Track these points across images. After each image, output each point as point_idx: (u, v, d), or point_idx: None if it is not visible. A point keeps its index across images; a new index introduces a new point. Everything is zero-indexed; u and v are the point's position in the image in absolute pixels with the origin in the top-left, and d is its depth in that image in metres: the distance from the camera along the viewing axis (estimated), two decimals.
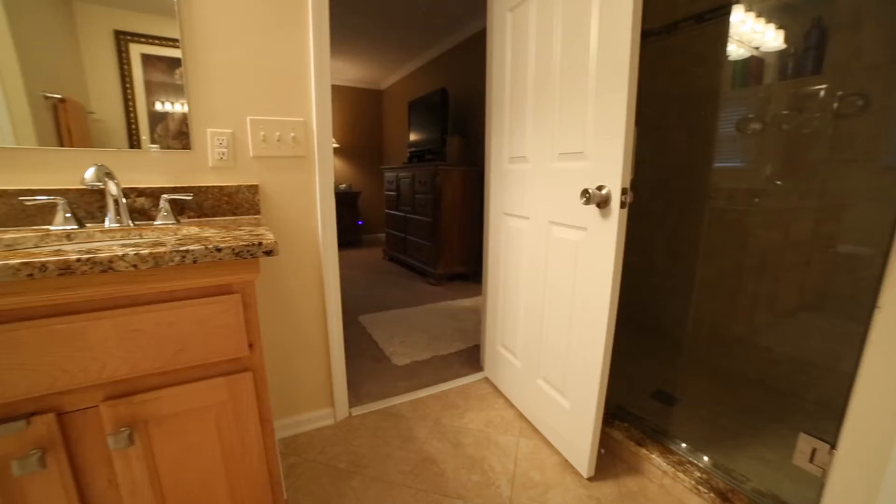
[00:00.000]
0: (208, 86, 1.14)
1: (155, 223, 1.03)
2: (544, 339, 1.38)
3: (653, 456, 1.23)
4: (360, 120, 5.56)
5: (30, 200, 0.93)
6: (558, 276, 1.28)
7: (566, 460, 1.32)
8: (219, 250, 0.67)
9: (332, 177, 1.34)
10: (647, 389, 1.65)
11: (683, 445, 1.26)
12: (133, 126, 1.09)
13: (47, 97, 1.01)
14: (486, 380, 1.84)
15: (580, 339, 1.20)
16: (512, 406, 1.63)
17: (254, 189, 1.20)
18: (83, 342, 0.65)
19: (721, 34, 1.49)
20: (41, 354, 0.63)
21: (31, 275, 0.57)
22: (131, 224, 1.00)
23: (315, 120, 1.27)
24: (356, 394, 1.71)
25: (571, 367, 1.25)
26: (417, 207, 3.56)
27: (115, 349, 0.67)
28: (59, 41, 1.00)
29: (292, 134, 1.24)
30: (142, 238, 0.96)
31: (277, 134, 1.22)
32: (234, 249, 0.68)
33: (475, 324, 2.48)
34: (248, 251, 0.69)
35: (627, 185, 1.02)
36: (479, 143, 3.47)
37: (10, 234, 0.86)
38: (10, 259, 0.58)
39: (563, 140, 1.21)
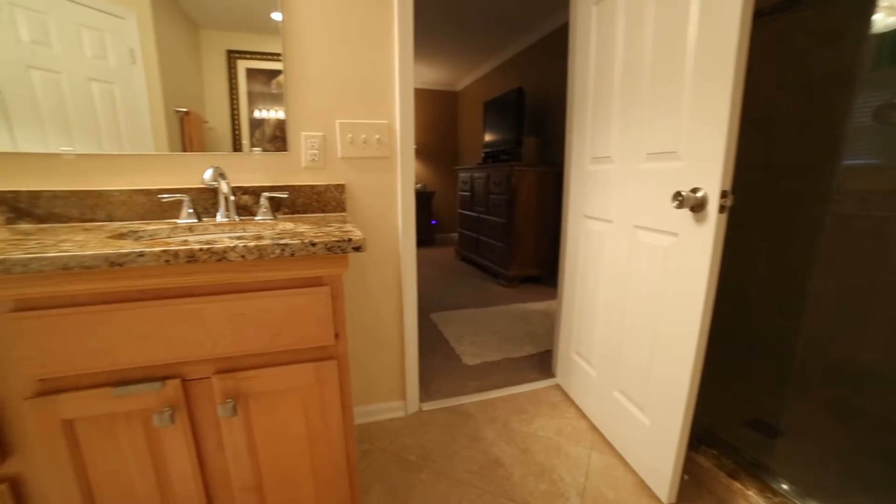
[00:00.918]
0: (303, 93, 1.25)
1: (256, 218, 1.16)
2: (623, 349, 1.30)
3: (749, 493, 1.09)
4: (435, 121, 5.70)
5: (165, 198, 1.11)
6: (642, 284, 1.19)
7: (643, 481, 1.23)
8: (313, 245, 0.74)
9: (413, 177, 1.39)
10: (742, 416, 1.47)
11: (786, 486, 1.10)
12: (237, 132, 1.23)
13: (177, 111, 1.18)
14: (558, 387, 1.78)
15: (665, 352, 1.11)
16: (584, 416, 1.56)
17: (341, 188, 1.29)
18: (201, 321, 0.75)
19: (862, 3, 1.27)
20: (172, 329, 0.74)
21: (168, 261, 0.68)
22: (237, 219, 1.14)
23: (398, 122, 1.33)
24: (426, 389, 1.75)
25: (653, 381, 1.16)
26: (491, 208, 3.56)
27: (225, 329, 0.76)
28: (188, 64, 1.17)
29: (377, 136, 1.32)
30: (245, 232, 1.09)
31: (363, 136, 1.31)
32: (326, 244, 0.74)
33: (547, 328, 2.42)
34: (338, 246, 0.75)
35: (728, 188, 0.92)
36: (556, 143, 3.36)
37: (152, 227, 1.04)
38: (155, 247, 0.69)
39: (652, 139, 1.13)
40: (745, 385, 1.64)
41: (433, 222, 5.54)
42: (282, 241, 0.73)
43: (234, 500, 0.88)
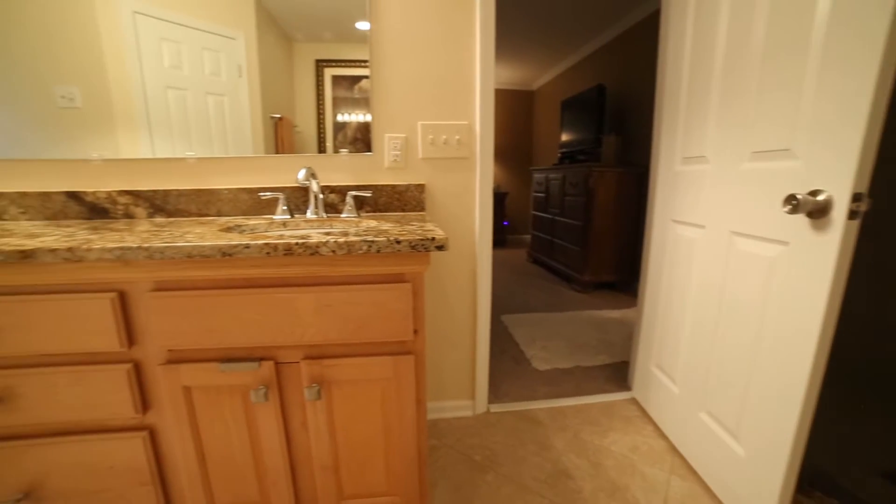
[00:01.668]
0: (387, 96, 1.31)
1: (341, 216, 1.24)
2: (713, 368, 1.18)
3: None
4: (510, 121, 5.63)
5: (264, 195, 1.23)
6: (740, 297, 1.07)
7: None
8: (398, 242, 0.77)
9: (492, 178, 1.39)
10: (874, 463, 1.24)
11: None
12: (322, 135, 1.33)
13: (272, 117, 1.31)
14: (634, 401, 1.66)
15: (767, 376, 0.98)
16: (663, 436, 1.44)
17: (421, 188, 1.33)
18: (294, 310, 0.82)
19: None
20: (269, 315, 0.82)
21: (268, 253, 0.76)
22: (324, 216, 1.23)
23: (478, 123, 1.34)
24: (495, 391, 1.75)
25: (751, 407, 1.03)
26: (566, 210, 3.43)
27: (313, 319, 0.83)
28: (283, 74, 1.29)
29: (457, 137, 1.34)
30: (332, 228, 1.18)
31: (444, 137, 1.34)
32: (410, 243, 0.77)
33: (623, 338, 2.27)
34: (422, 245, 0.78)
35: (864, 190, 0.79)
36: (639, 142, 3.15)
37: (252, 221, 1.16)
38: (258, 240, 0.77)
39: (758, 135, 1.01)
40: (880, 426, 1.39)
41: (505, 223, 5.50)
42: (369, 239, 0.77)
43: (313, 476, 0.95)
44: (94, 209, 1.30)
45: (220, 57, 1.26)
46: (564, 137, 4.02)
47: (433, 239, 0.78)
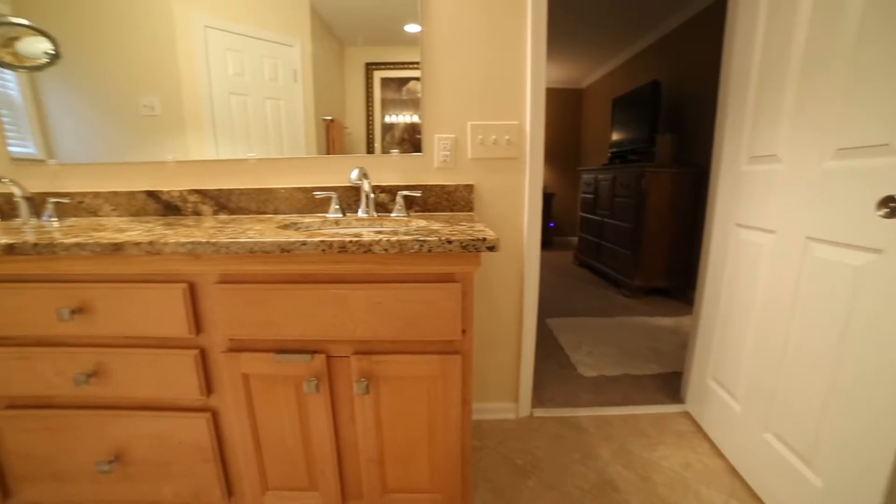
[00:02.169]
0: (438, 97, 1.32)
1: (391, 215, 1.27)
2: (781, 386, 1.08)
3: None
4: (558, 121, 5.50)
5: (319, 194, 1.28)
6: (817, 310, 0.97)
7: None
8: (449, 242, 0.78)
9: (542, 178, 1.37)
10: None
11: None
12: (371, 136, 1.36)
13: (324, 119, 1.36)
14: (687, 415, 1.57)
15: (851, 401, 0.88)
16: (720, 455, 1.34)
17: (469, 188, 1.34)
18: (346, 306, 0.85)
19: None
20: (322, 310, 0.85)
21: (323, 250, 0.79)
22: (375, 215, 1.26)
23: (528, 123, 1.32)
24: (538, 395, 1.71)
25: (829, 434, 0.94)
26: (616, 212, 3.30)
27: (364, 315, 0.85)
28: (334, 77, 1.33)
29: (507, 137, 1.33)
30: (382, 227, 1.20)
31: (493, 137, 1.33)
32: (461, 243, 0.78)
33: (676, 347, 2.15)
34: (473, 245, 0.78)
35: None
36: (697, 141, 2.96)
37: (307, 219, 1.21)
38: (314, 237, 0.81)
39: (846, 130, 0.91)
40: None
41: (551, 225, 5.39)
42: (421, 238, 0.78)
43: (359, 467, 0.98)
44: (168, 207, 1.41)
45: (278, 63, 1.33)
46: (615, 137, 3.87)
47: (484, 239, 0.78)
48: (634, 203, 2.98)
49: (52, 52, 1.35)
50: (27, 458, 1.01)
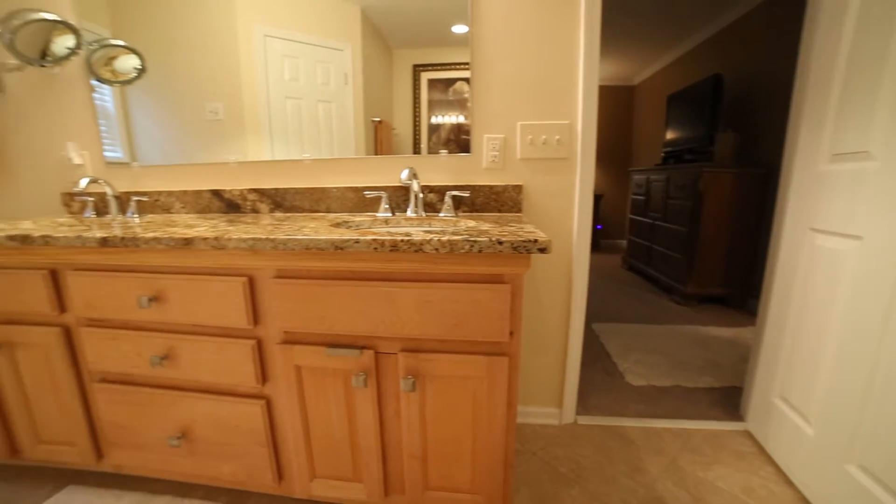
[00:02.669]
0: (487, 97, 1.31)
1: (439, 215, 1.27)
2: (870, 412, 0.98)
3: None
4: (608, 119, 5.31)
5: (369, 194, 1.31)
6: None
7: None
8: (500, 243, 0.77)
9: (593, 179, 1.32)
10: None
11: None
12: (417, 136, 1.37)
13: (373, 121, 1.39)
14: (748, 434, 1.45)
15: None
16: (788, 482, 1.23)
17: (518, 189, 1.32)
18: (395, 304, 0.86)
19: None
20: (372, 307, 0.87)
21: (375, 248, 0.81)
22: (423, 215, 1.27)
23: (580, 122, 1.28)
24: (583, 402, 1.66)
25: None
26: (669, 215, 3.13)
27: (413, 313, 0.86)
28: (383, 80, 1.36)
29: (557, 137, 1.29)
30: (431, 227, 1.21)
31: (543, 137, 1.30)
32: (512, 244, 0.77)
33: (734, 360, 2.00)
34: (524, 246, 0.77)
35: None
36: (763, 138, 2.74)
37: (357, 218, 1.25)
38: (366, 236, 0.83)
39: None
40: None
41: (599, 227, 5.21)
42: (472, 238, 0.78)
43: (402, 463, 1.00)
44: (230, 204, 1.51)
45: (330, 67, 1.38)
46: (669, 135, 3.67)
47: (535, 241, 0.76)
48: (690, 205, 2.81)
49: (140, 67, 1.49)
50: (115, 426, 1.12)
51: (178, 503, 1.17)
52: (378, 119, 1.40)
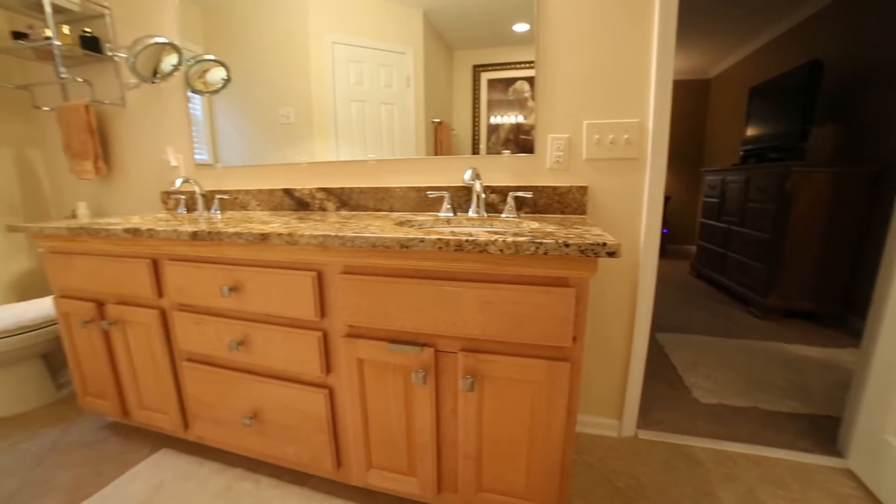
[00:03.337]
0: (552, 96, 1.27)
1: (501, 216, 1.26)
2: None
3: None
4: (679, 116, 4.96)
5: (432, 194, 1.33)
6: None
7: None
8: (567, 246, 0.75)
9: (663, 181, 1.24)
10: None
11: None
12: (476, 137, 1.37)
13: (433, 122, 1.41)
14: (849, 473, 1.28)
15: None
16: None
17: (583, 190, 1.27)
18: (457, 303, 0.87)
19: None
20: (434, 306, 0.88)
21: (440, 248, 0.82)
22: (485, 215, 1.27)
23: (651, 120, 1.21)
24: (645, 416, 1.57)
25: None
26: (748, 219, 2.86)
27: (474, 314, 0.86)
28: (443, 81, 1.37)
29: (626, 136, 1.23)
30: (493, 227, 1.21)
31: (611, 136, 1.24)
32: (579, 247, 0.74)
33: (828, 385, 1.78)
34: (591, 250, 0.74)
35: None
36: (876, 132, 2.38)
37: (420, 217, 1.27)
38: (431, 235, 0.84)
39: None
40: None
41: (664, 231, 4.89)
42: (537, 240, 0.77)
43: (456, 462, 1.00)
44: (299, 203, 1.61)
45: (393, 71, 1.41)
46: (751, 132, 3.34)
47: (604, 244, 0.73)
48: (774, 209, 2.54)
49: (226, 77, 1.64)
50: (198, 402, 1.25)
51: (248, 476, 1.27)
52: (438, 120, 1.41)
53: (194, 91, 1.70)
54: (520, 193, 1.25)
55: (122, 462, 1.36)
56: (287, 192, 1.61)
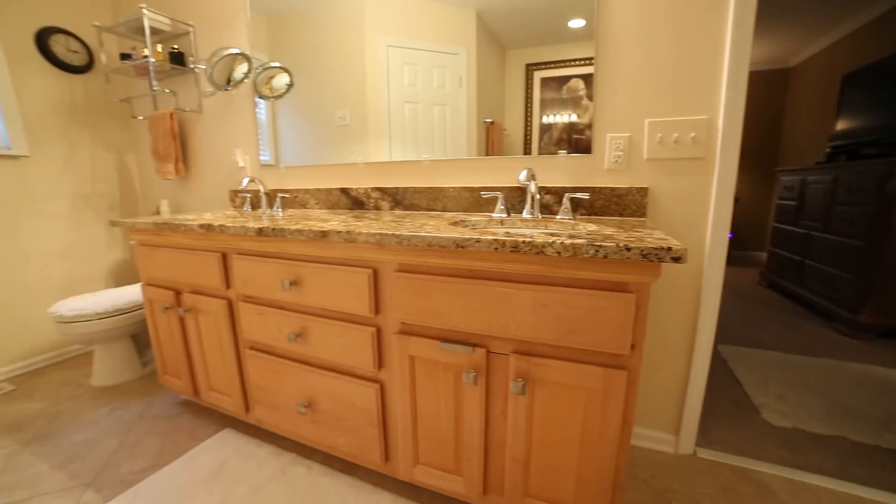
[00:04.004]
0: (612, 94, 1.22)
1: (556, 217, 1.23)
2: None
3: None
4: (749, 111, 4.55)
5: (486, 194, 1.33)
6: None
7: None
8: (628, 249, 0.71)
9: (734, 182, 1.15)
10: None
11: None
12: (528, 137, 1.34)
13: (485, 122, 1.40)
14: None
15: None
16: None
17: (643, 191, 1.21)
18: (510, 304, 0.86)
19: None
20: (487, 306, 0.88)
21: (496, 248, 0.81)
22: (539, 216, 1.24)
23: (721, 117, 1.12)
24: (705, 433, 1.46)
25: None
26: (835, 224, 2.57)
27: (528, 316, 0.85)
28: (495, 81, 1.36)
29: (692, 134, 1.15)
30: (547, 229, 1.18)
31: (675, 135, 1.17)
32: (641, 251, 0.71)
33: None
34: (655, 254, 0.70)
35: None
36: None
37: (473, 218, 1.27)
38: (487, 235, 0.84)
39: None
40: None
41: (730, 236, 4.51)
42: (596, 242, 0.74)
43: (503, 464, 0.99)
44: (355, 201, 1.67)
45: (445, 72, 1.42)
46: (842, 125, 2.99)
47: (669, 248, 0.69)
48: (871, 212, 2.26)
49: (289, 82, 1.74)
50: (258, 387, 1.33)
51: (301, 461, 1.34)
52: (490, 120, 1.40)
53: (261, 96, 1.82)
54: (577, 195, 1.20)
55: (194, 437, 1.49)
56: (343, 191, 1.68)
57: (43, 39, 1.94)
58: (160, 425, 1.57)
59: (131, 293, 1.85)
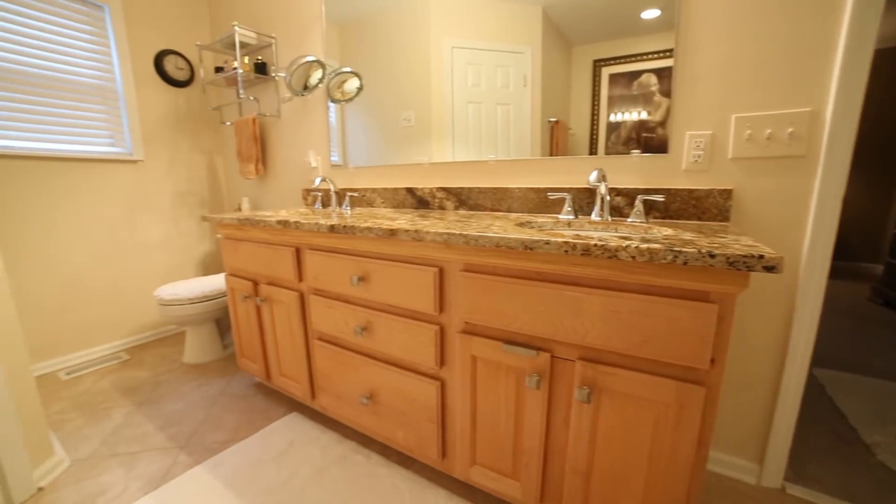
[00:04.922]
0: (692, 87, 1.14)
1: (627, 220, 1.16)
2: None
3: None
4: (868, 99, 3.91)
5: (553, 195, 1.29)
6: None
7: None
8: (711, 256, 0.66)
9: (843, 183, 1.01)
10: None
11: None
12: (594, 136, 1.29)
13: (549, 121, 1.36)
14: None
15: None
16: None
17: (726, 194, 1.10)
18: (578, 309, 0.83)
19: None
20: (554, 310, 0.86)
21: (566, 251, 0.79)
22: (609, 219, 1.18)
23: (831, 108, 0.99)
24: (796, 467, 1.30)
25: None
26: None
27: (597, 322, 0.81)
28: (561, 79, 1.32)
29: (789, 129, 1.03)
30: (618, 232, 1.12)
31: (768, 131, 1.05)
32: (728, 258, 0.65)
33: None
34: (743, 262, 0.64)
35: None
36: None
37: (540, 219, 1.25)
38: (557, 238, 0.82)
39: None
40: None
41: None
42: (675, 248, 0.69)
43: (563, 474, 0.96)
44: (420, 201, 1.71)
45: (510, 71, 1.41)
46: None
47: (761, 257, 0.62)
48: None
49: (359, 86, 1.83)
50: (324, 376, 1.41)
51: (360, 450, 1.40)
52: (554, 119, 1.37)
53: (333, 100, 1.93)
54: (654, 197, 1.13)
55: (266, 417, 1.62)
56: (409, 190, 1.73)
57: (159, 60, 2.26)
58: (237, 403, 1.72)
59: (216, 282, 2.05)
